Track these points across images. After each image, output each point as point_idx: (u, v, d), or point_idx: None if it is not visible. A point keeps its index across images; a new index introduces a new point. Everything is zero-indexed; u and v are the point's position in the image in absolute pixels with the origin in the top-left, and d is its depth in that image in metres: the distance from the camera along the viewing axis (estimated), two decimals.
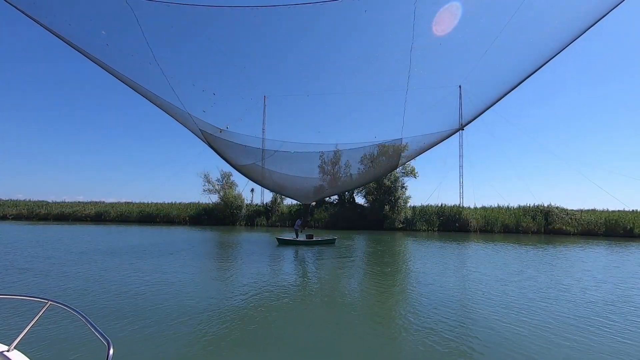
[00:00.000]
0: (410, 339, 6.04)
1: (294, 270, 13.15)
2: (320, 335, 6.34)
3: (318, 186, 20.60)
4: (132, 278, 10.57)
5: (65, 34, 8.23)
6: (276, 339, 6.02)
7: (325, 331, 6.54)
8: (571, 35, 8.85)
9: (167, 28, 9.75)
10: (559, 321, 7.00)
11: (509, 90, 11.28)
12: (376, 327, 6.80)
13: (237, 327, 6.53)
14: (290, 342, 5.88)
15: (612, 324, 6.86)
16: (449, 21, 9.99)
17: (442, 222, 36.05)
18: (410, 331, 6.39)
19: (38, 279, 10.41)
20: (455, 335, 6.17)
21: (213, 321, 6.78)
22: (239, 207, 41.29)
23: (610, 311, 7.78)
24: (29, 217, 47.69)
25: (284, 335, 6.22)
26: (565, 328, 6.59)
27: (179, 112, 11.97)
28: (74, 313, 2.34)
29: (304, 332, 6.51)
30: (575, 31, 8.74)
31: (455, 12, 9.64)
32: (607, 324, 6.89)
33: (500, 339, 5.97)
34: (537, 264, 14.78)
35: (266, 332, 6.34)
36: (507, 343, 5.81)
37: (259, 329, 6.43)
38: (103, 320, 6.63)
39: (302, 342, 5.92)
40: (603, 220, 32.66)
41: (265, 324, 6.77)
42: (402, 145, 15.75)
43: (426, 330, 6.40)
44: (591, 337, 6.16)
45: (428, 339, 5.95)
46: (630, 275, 12.38)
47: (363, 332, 6.50)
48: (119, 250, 16.92)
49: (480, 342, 5.86)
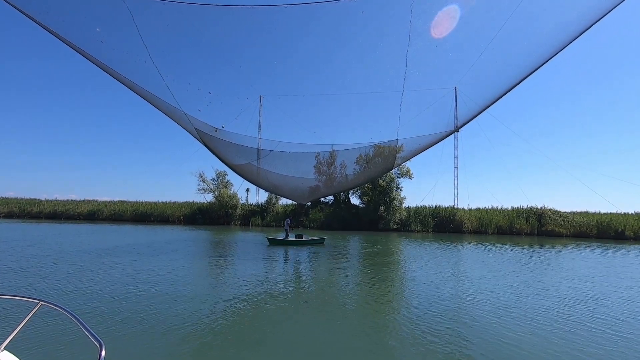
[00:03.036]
0: (402, 338, 6.05)
1: (285, 272, 13.12)
2: (312, 336, 6.34)
3: (313, 186, 20.61)
4: (124, 278, 10.48)
5: (59, 30, 8.13)
6: (269, 341, 6.00)
7: (317, 332, 6.53)
8: (565, 39, 8.93)
9: (163, 26, 9.68)
10: (555, 322, 7.06)
11: (504, 93, 11.36)
12: (368, 330, 6.80)
13: (228, 328, 6.50)
14: (283, 343, 5.87)
15: (607, 322, 6.94)
16: (445, 23, 10.04)
17: (436, 223, 36.24)
18: (404, 331, 6.41)
19: (28, 278, 10.28)
20: (449, 337, 6.19)
21: (204, 322, 6.74)
22: (234, 207, 41.18)
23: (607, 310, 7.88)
24: (21, 215, 47.18)
25: (276, 337, 6.20)
26: (560, 329, 6.65)
27: (175, 111, 11.90)
28: (65, 313, 2.31)
29: (297, 333, 6.49)
30: (569, 35, 8.83)
31: (451, 15, 9.69)
32: (600, 322, 6.97)
33: (495, 340, 6.00)
34: (532, 265, 14.90)
35: (258, 333, 6.31)
36: (501, 344, 5.84)
37: (250, 330, 6.41)
38: (95, 321, 6.57)
39: (295, 343, 5.91)
40: (595, 222, 33.07)
41: (257, 325, 6.75)
42: (397, 146, 15.80)
43: (419, 330, 6.42)
44: (588, 339, 6.23)
45: (421, 338, 5.97)
46: (623, 276, 12.53)
47: (356, 332, 6.50)
48: (112, 250, 16.77)
49: (475, 345, 5.89)
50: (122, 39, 9.23)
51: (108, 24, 9.05)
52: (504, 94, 11.38)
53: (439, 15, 9.58)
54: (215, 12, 9.74)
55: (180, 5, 8.84)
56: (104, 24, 8.87)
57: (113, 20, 8.93)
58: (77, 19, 8.50)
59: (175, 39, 10.77)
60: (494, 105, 12.11)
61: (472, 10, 9.72)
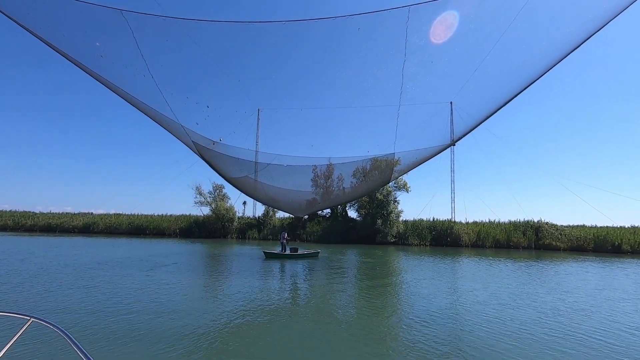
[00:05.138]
0: (401, 353, 5.95)
1: (282, 286, 12.96)
2: (310, 351, 6.21)
3: (311, 199, 20.57)
4: (118, 293, 10.30)
5: (60, 44, 8.22)
6: (265, 356, 5.88)
7: (314, 347, 6.41)
8: (559, 54, 9.10)
9: (162, 41, 9.80)
10: (554, 337, 6.98)
11: (499, 107, 11.51)
12: (366, 344, 6.68)
13: (224, 343, 6.37)
14: (280, 358, 5.75)
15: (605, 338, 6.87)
16: (440, 39, 10.24)
17: (434, 237, 36.13)
18: (401, 346, 6.30)
19: (19, 294, 10.08)
20: (447, 351, 6.10)
21: (199, 338, 6.60)
22: (231, 220, 40.95)
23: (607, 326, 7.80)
24: (15, 228, 46.59)
25: (273, 352, 6.08)
26: (560, 344, 6.57)
27: (172, 124, 11.94)
28: (57, 331, 2.25)
29: (294, 348, 6.37)
30: (563, 50, 9.00)
31: (447, 31, 9.89)
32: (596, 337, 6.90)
33: (493, 356, 5.92)
34: (530, 280, 14.82)
35: (255, 349, 6.19)
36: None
37: (247, 346, 6.28)
38: (87, 339, 6.42)
39: (292, 358, 5.80)
40: (592, 236, 33.09)
41: (254, 340, 6.62)
42: (394, 159, 15.87)
43: (417, 345, 6.31)
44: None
45: (419, 354, 5.87)
46: (623, 295, 12.47)
47: (353, 348, 6.38)
48: (106, 264, 16.53)
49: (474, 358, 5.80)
50: (122, 53, 9.33)
51: (108, 39, 9.15)
52: (499, 109, 11.52)
53: (434, 31, 9.78)
54: (213, 28, 9.89)
55: (180, 21, 8.98)
56: (103, 38, 8.98)
57: (113, 35, 9.04)
58: (78, 34, 8.60)
59: (174, 53, 10.89)
60: (489, 118, 12.25)
61: (467, 26, 9.92)
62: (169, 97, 10.55)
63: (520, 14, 8.56)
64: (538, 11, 8.69)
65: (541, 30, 9.40)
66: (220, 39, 10.66)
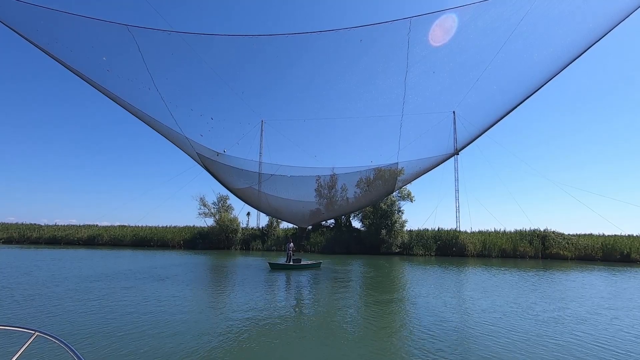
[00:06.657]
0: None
1: (289, 297, 12.84)
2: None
3: (314, 210, 20.54)
4: (122, 307, 10.25)
5: (67, 60, 8.39)
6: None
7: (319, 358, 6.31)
8: (560, 64, 9.16)
9: (167, 55, 9.98)
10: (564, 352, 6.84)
11: (502, 116, 11.53)
12: (370, 355, 6.58)
13: (229, 356, 6.29)
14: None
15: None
16: (442, 50, 10.34)
17: (439, 247, 35.78)
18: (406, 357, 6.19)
19: (23, 307, 10.06)
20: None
21: (206, 351, 6.53)
22: (235, 231, 40.87)
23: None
24: (20, 240, 46.80)
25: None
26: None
27: (177, 136, 12.06)
28: (61, 345, 2.24)
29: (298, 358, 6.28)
30: (564, 60, 9.06)
31: (448, 42, 9.98)
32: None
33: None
34: (539, 291, 14.58)
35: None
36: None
37: (252, 357, 6.20)
38: (92, 353, 6.37)
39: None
40: (600, 244, 32.62)
41: (258, 352, 6.53)
42: (398, 169, 15.87)
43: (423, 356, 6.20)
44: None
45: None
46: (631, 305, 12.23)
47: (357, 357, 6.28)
48: (110, 276, 16.51)
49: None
50: (128, 67, 9.50)
51: (114, 53, 9.33)
52: (502, 117, 11.55)
53: (435, 41, 9.88)
54: (218, 41, 10.07)
55: (185, 35, 9.15)
56: (110, 53, 9.16)
57: (119, 49, 9.22)
58: (85, 49, 8.78)
59: (179, 66, 11.08)
60: (493, 127, 12.27)
61: (468, 36, 10.02)
62: (173, 109, 10.69)
63: (520, 24, 8.64)
64: (538, 21, 8.77)
65: (542, 40, 9.47)
66: (224, 52, 10.84)
